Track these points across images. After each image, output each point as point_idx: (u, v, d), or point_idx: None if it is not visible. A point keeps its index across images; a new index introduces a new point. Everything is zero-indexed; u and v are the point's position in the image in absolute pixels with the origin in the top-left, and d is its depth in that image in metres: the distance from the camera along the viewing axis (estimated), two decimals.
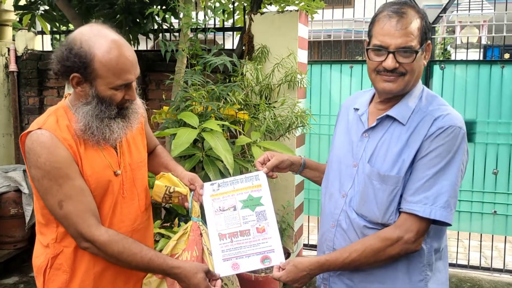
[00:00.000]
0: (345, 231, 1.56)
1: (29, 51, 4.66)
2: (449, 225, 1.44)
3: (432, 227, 1.47)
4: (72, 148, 1.48)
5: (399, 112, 1.51)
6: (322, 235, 1.67)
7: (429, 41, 1.50)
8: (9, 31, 4.90)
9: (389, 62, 1.44)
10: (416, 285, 1.50)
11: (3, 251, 4.03)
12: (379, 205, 1.47)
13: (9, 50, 4.64)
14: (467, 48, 4.33)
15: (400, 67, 1.45)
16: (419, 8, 1.49)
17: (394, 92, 1.50)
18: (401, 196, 1.46)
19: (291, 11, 3.69)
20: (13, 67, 4.62)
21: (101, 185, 1.54)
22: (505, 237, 4.18)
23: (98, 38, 1.46)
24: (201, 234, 1.72)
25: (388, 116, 1.52)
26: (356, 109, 1.66)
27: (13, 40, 4.79)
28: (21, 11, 4.08)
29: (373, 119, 1.56)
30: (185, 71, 3.35)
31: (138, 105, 1.64)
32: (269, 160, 1.77)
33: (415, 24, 1.44)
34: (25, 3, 4.06)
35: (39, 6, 3.97)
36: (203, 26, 3.59)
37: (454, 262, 4.25)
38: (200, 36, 3.67)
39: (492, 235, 4.22)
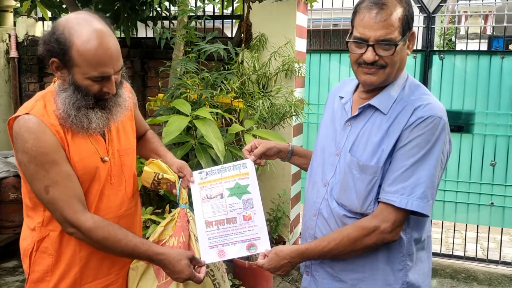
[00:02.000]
0: (326, 220, 1.57)
1: (29, 37, 4.68)
2: (427, 216, 1.44)
3: (412, 217, 1.48)
4: (59, 134, 1.49)
5: (381, 101, 1.50)
6: (305, 223, 1.68)
7: (413, 31, 1.48)
8: (10, 17, 4.91)
9: (369, 55, 1.42)
10: (396, 275, 1.51)
11: (2, 236, 4.08)
12: (358, 194, 1.48)
13: (10, 36, 4.66)
14: (469, 39, 4.29)
15: (380, 59, 1.43)
16: None
17: (375, 85, 1.49)
18: (380, 186, 1.46)
19: None
20: (13, 53, 4.64)
21: (88, 171, 1.55)
22: (502, 229, 4.18)
23: (81, 27, 1.44)
24: (188, 220, 1.73)
25: (370, 106, 1.52)
26: (341, 98, 1.65)
27: (14, 26, 4.80)
28: None
29: (356, 108, 1.56)
30: (180, 58, 3.35)
31: (123, 98, 1.61)
32: (257, 147, 1.78)
33: (396, 14, 1.40)
34: None
35: None
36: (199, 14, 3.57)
37: (450, 253, 4.26)
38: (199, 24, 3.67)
39: (489, 227, 4.22)
